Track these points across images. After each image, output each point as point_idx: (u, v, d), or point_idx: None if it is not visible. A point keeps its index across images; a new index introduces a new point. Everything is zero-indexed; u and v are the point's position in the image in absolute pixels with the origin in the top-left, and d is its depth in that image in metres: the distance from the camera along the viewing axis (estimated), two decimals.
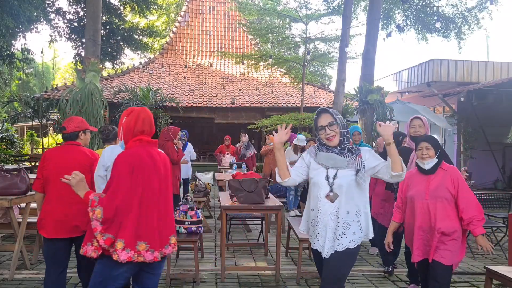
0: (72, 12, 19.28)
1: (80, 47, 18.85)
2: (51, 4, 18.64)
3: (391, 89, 14.37)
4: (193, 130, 16.91)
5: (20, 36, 16.57)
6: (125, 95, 14.60)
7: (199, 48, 22.01)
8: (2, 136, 16.64)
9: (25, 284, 4.25)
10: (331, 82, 27.91)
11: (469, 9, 15.25)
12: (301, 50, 20.33)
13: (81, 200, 2.52)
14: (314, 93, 18.30)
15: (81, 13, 18.75)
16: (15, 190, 4.28)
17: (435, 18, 14.68)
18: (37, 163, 14.57)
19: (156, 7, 21.97)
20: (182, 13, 23.13)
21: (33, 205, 4.98)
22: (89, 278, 2.78)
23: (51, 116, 17.80)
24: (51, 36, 19.28)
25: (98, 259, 2.49)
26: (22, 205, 4.84)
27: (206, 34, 22.42)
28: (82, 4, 17.99)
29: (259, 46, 21.48)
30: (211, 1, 23.43)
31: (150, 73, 19.41)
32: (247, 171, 7.13)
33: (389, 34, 14.85)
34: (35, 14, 15.58)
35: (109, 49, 19.31)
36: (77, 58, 19.07)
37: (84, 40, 10.32)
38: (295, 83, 17.19)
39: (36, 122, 19.41)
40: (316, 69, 27.88)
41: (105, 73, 19.94)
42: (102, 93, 8.41)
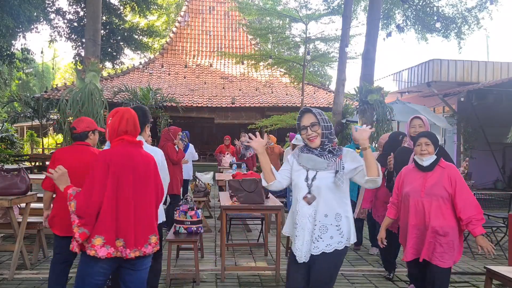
0: (72, 12, 19.30)
1: (80, 47, 18.86)
2: (51, 4, 18.65)
3: (391, 89, 14.36)
4: (193, 130, 16.88)
5: (20, 36, 16.59)
6: (125, 95, 14.61)
7: (199, 48, 22.02)
8: (2, 136, 16.65)
9: (25, 284, 4.24)
10: (331, 82, 27.94)
11: (469, 9, 15.25)
12: (301, 50, 20.33)
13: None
14: (314, 93, 18.32)
15: (81, 13, 18.76)
16: (15, 190, 4.29)
17: (435, 18, 14.67)
18: (37, 163, 14.61)
19: (156, 7, 21.99)
20: (182, 13, 23.15)
21: (33, 205, 4.98)
22: None
23: (51, 116, 17.82)
24: (51, 36, 19.31)
25: (81, 255, 2.56)
26: (22, 205, 4.84)
27: (206, 34, 22.43)
28: (82, 4, 17.99)
29: (259, 46, 21.49)
30: (211, 1, 23.44)
31: (150, 73, 19.42)
32: (247, 171, 7.12)
33: (389, 34, 14.86)
34: (35, 14, 15.59)
35: (109, 49, 19.32)
36: (77, 58, 19.08)
37: (84, 40, 10.31)
38: (295, 83, 17.19)
39: (36, 122, 19.43)
40: (316, 69, 27.88)
41: (105, 73, 19.95)
42: (102, 93, 8.39)
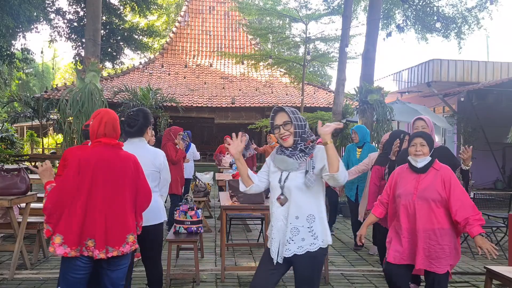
0: (72, 12, 19.31)
1: (80, 47, 18.87)
2: (51, 4, 18.66)
3: (391, 89, 14.37)
4: (193, 130, 16.86)
5: (20, 36, 16.62)
6: (125, 95, 14.59)
7: (199, 48, 22.00)
8: (2, 136, 16.64)
9: (25, 284, 4.24)
10: (331, 82, 27.96)
11: (469, 9, 15.25)
12: (301, 50, 20.34)
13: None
14: (314, 93, 18.30)
15: (81, 13, 18.77)
16: (15, 190, 4.29)
17: (435, 18, 14.67)
18: (37, 163, 14.61)
19: (156, 7, 22.01)
20: (182, 13, 23.13)
21: (33, 205, 4.98)
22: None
23: (51, 116, 17.84)
24: (51, 36, 19.32)
25: None
26: (22, 205, 4.84)
27: (206, 34, 22.41)
28: (82, 4, 18.00)
29: (259, 46, 21.49)
30: (211, 1, 23.43)
31: (150, 73, 19.41)
32: None
33: (389, 34, 14.82)
34: (35, 14, 15.61)
35: (109, 49, 19.34)
36: (77, 58, 19.09)
37: (84, 40, 10.32)
38: (295, 83, 17.19)
39: (36, 122, 19.44)
40: (316, 69, 27.88)
41: (105, 73, 19.94)
42: (102, 93, 8.41)
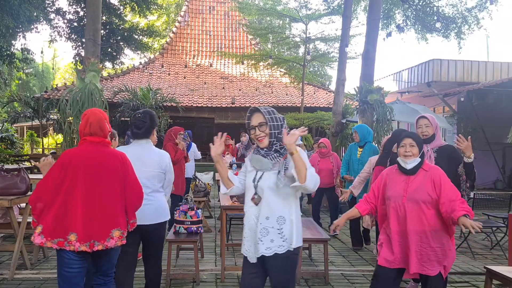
0: (72, 12, 19.31)
1: (80, 47, 18.87)
2: (51, 4, 18.66)
3: (391, 89, 14.37)
4: (193, 130, 16.82)
5: (20, 36, 16.61)
6: (125, 95, 14.59)
7: (199, 48, 22.01)
8: (2, 136, 16.63)
9: (25, 284, 4.24)
10: (331, 82, 27.98)
11: (469, 9, 15.26)
12: (301, 50, 20.34)
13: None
14: (314, 93, 18.30)
15: (81, 13, 18.77)
16: (15, 190, 4.30)
17: (435, 18, 14.67)
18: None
19: (156, 7, 22.00)
20: (182, 13, 23.14)
21: None
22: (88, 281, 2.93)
23: (51, 116, 17.82)
24: (51, 36, 19.32)
25: None
26: (22, 205, 4.84)
27: (206, 34, 22.41)
28: (82, 4, 18.00)
29: (259, 46, 21.49)
30: (211, 1, 23.43)
31: (150, 73, 19.41)
32: None
33: (389, 34, 14.82)
34: (35, 14, 15.61)
35: (109, 49, 19.34)
36: (77, 58, 19.09)
37: (84, 40, 10.31)
38: (295, 83, 17.20)
39: (36, 122, 19.42)
40: (316, 69, 27.89)
41: (105, 73, 19.95)
42: (102, 93, 8.39)
